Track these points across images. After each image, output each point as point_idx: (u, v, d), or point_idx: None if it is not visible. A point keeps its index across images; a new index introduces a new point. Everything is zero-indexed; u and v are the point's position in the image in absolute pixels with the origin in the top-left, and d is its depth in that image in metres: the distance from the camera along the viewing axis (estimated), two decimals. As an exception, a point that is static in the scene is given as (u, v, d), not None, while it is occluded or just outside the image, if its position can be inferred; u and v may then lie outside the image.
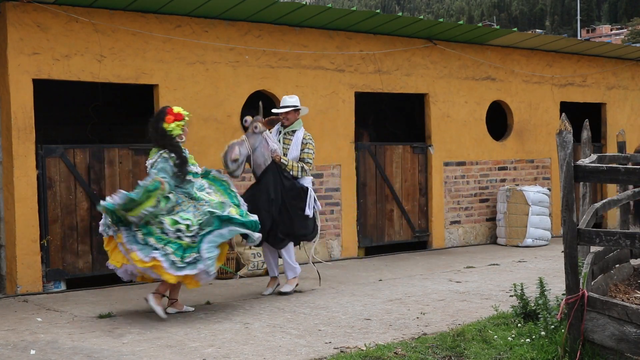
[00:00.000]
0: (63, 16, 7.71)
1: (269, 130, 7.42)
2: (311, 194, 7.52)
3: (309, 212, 7.46)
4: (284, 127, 7.56)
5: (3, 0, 7.45)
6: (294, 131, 7.54)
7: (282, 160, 7.34)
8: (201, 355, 5.20)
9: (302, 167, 7.43)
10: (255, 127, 7.26)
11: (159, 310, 6.32)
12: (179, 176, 6.52)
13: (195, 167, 6.74)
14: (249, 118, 7.38)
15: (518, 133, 11.77)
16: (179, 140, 6.63)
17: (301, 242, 7.92)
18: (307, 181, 7.53)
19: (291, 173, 7.38)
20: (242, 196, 7.08)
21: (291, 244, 7.46)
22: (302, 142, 7.47)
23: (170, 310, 6.59)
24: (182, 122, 6.62)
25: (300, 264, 7.81)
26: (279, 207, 7.27)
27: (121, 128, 11.42)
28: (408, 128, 13.19)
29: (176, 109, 6.65)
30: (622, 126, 12.80)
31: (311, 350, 5.29)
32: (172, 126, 6.57)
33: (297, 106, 7.57)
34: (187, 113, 6.72)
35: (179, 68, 8.43)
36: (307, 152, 7.49)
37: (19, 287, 7.50)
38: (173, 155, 6.51)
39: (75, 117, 11.06)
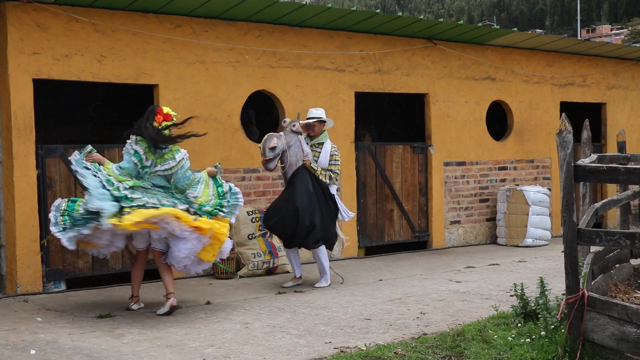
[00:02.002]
0: (63, 16, 7.71)
1: (304, 134, 7.77)
2: (339, 200, 7.93)
3: (344, 216, 7.93)
4: (310, 137, 7.88)
5: (3, 0, 7.45)
6: (321, 143, 7.89)
7: (312, 165, 7.69)
8: (201, 355, 5.21)
9: (330, 176, 7.82)
10: (294, 125, 7.64)
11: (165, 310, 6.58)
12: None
13: (163, 165, 6.69)
14: (287, 119, 7.78)
15: (518, 133, 11.77)
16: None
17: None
18: (333, 189, 7.88)
19: (319, 178, 7.76)
20: (278, 198, 7.67)
21: (323, 247, 7.80)
22: (330, 154, 7.84)
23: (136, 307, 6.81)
24: (169, 123, 6.72)
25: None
26: (318, 207, 7.62)
27: (121, 128, 11.39)
28: (408, 128, 13.19)
29: (165, 110, 6.74)
30: (622, 126, 12.80)
31: (311, 350, 5.29)
32: (162, 125, 6.70)
33: (323, 118, 7.90)
34: (175, 114, 6.83)
35: (179, 68, 8.43)
36: (335, 164, 7.87)
37: (19, 287, 7.50)
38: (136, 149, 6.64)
39: (75, 117, 11.06)
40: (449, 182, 10.93)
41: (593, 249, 5.99)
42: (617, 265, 6.74)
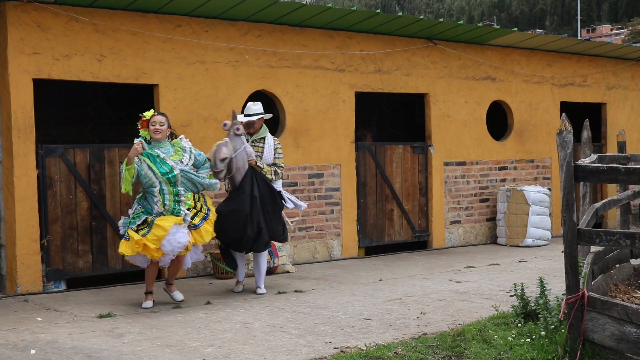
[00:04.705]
0: (63, 16, 7.71)
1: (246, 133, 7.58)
2: (285, 195, 7.74)
3: (300, 205, 7.84)
4: (250, 134, 7.67)
5: (3, 0, 7.45)
6: (261, 138, 7.69)
7: (257, 164, 7.47)
8: (201, 355, 5.21)
9: (275, 171, 7.64)
10: (237, 129, 7.33)
11: (179, 296, 7.04)
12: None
13: (161, 167, 6.78)
14: (228, 122, 7.44)
15: (518, 133, 11.78)
16: (157, 140, 6.87)
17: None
18: (278, 185, 7.71)
19: (266, 176, 7.54)
20: (224, 203, 7.45)
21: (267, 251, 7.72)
22: (274, 148, 7.67)
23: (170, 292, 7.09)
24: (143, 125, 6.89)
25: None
26: (262, 211, 7.38)
27: (121, 128, 11.42)
28: (408, 128, 13.19)
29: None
30: (622, 126, 12.80)
31: (311, 350, 5.29)
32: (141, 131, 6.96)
33: (264, 114, 7.73)
34: (148, 113, 6.87)
35: (179, 68, 8.43)
36: (279, 157, 7.71)
37: (19, 287, 7.50)
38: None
39: (75, 117, 11.06)
40: (449, 182, 10.93)
41: (593, 249, 5.99)
42: (617, 265, 6.74)
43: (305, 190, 9.41)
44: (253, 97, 9.12)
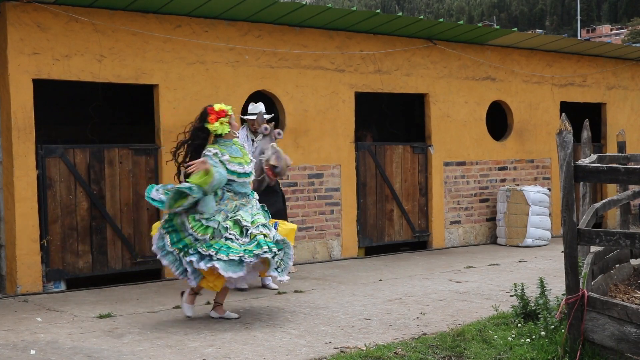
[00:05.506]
0: (63, 16, 7.71)
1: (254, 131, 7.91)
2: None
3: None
4: (256, 133, 7.86)
5: (3, 0, 7.45)
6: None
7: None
8: (201, 355, 5.21)
9: None
10: (279, 134, 7.64)
11: (186, 307, 6.35)
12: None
13: (242, 167, 6.39)
14: (269, 126, 7.58)
15: (518, 133, 11.78)
16: (229, 137, 6.48)
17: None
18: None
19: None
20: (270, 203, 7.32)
21: None
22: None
23: (212, 314, 6.42)
24: (225, 119, 6.37)
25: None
26: (284, 202, 8.02)
27: (121, 128, 11.42)
28: (408, 128, 13.19)
29: (217, 107, 6.42)
30: (622, 126, 12.80)
31: (311, 350, 5.29)
32: (216, 125, 6.37)
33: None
34: (229, 107, 6.47)
35: (179, 68, 8.43)
36: None
37: (19, 287, 7.50)
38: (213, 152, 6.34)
39: (75, 117, 11.06)
40: (449, 182, 10.93)
41: (593, 249, 6.00)
42: (617, 265, 6.75)
43: (305, 191, 9.41)
44: (253, 97, 9.13)
